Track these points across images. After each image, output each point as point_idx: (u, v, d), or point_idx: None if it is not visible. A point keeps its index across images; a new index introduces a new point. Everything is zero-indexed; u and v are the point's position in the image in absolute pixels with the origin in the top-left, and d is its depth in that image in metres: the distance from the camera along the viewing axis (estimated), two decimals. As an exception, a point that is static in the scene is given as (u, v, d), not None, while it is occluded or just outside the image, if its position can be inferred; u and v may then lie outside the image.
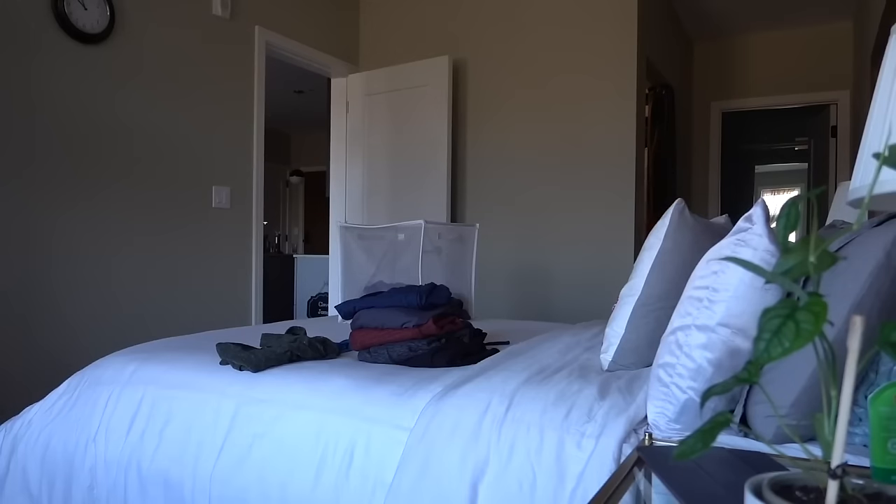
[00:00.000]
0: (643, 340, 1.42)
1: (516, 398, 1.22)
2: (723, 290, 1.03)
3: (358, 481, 1.22)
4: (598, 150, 3.67)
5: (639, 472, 0.82)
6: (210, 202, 3.30)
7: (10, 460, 1.62)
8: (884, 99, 0.70)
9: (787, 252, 0.46)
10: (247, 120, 3.52)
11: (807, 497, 0.46)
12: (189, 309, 3.19)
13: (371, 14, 4.42)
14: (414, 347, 1.56)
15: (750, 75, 5.24)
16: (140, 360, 1.64)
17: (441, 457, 1.16)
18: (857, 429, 0.95)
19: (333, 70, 4.25)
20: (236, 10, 3.43)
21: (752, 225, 1.05)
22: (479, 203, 4.03)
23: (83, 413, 1.58)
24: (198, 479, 1.37)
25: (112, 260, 2.83)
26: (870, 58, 3.49)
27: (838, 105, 4.93)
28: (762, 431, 1.00)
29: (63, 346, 2.64)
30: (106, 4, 2.76)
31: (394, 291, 1.76)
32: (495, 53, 3.97)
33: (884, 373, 0.94)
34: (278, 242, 7.94)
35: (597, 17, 3.66)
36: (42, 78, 2.55)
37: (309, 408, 1.35)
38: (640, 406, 1.16)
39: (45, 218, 2.57)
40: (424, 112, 3.97)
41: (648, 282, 1.40)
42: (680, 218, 1.42)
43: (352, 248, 2.65)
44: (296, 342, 1.61)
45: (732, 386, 0.48)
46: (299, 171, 8.08)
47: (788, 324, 0.42)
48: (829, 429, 0.45)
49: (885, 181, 0.66)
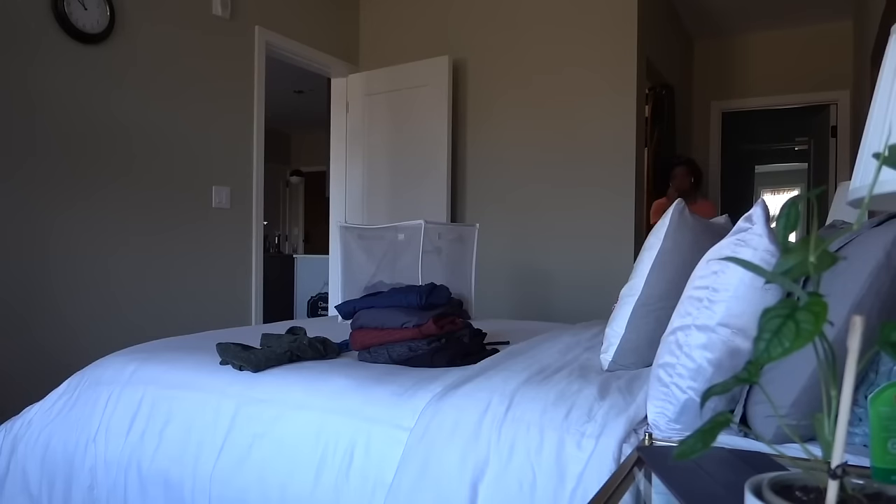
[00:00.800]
0: (643, 340, 1.42)
1: (516, 398, 1.22)
2: (723, 290, 1.03)
3: (358, 481, 1.22)
4: (597, 149, 3.67)
5: (639, 472, 0.82)
6: (210, 202, 3.30)
7: (10, 460, 1.62)
8: (884, 99, 0.70)
9: (787, 252, 0.46)
10: (247, 120, 3.52)
11: (807, 497, 0.46)
12: (189, 309, 3.19)
13: (371, 14, 4.42)
14: (414, 347, 1.56)
15: (750, 75, 5.24)
16: (140, 360, 1.64)
17: (441, 457, 1.16)
18: (857, 429, 0.95)
19: (333, 70, 4.25)
20: (236, 10, 3.43)
21: (752, 225, 1.05)
22: (478, 203, 4.03)
23: (83, 413, 1.58)
24: (198, 479, 1.37)
25: (112, 260, 2.83)
26: (870, 58, 3.49)
27: (838, 105, 4.93)
28: (762, 431, 1.00)
29: (63, 346, 2.64)
30: (106, 4, 2.76)
31: (394, 291, 1.76)
32: (495, 53, 3.97)
33: (884, 373, 0.94)
34: (278, 242, 7.94)
35: (596, 16, 3.66)
36: (42, 78, 2.55)
37: (309, 408, 1.35)
38: (640, 406, 1.16)
39: (45, 218, 2.57)
40: (424, 112, 3.97)
41: (648, 282, 1.40)
42: (680, 218, 1.42)
43: (352, 248, 2.64)
44: (296, 342, 1.61)
45: (732, 386, 0.48)
46: (299, 171, 8.08)
47: (788, 324, 0.42)
48: (829, 429, 0.45)
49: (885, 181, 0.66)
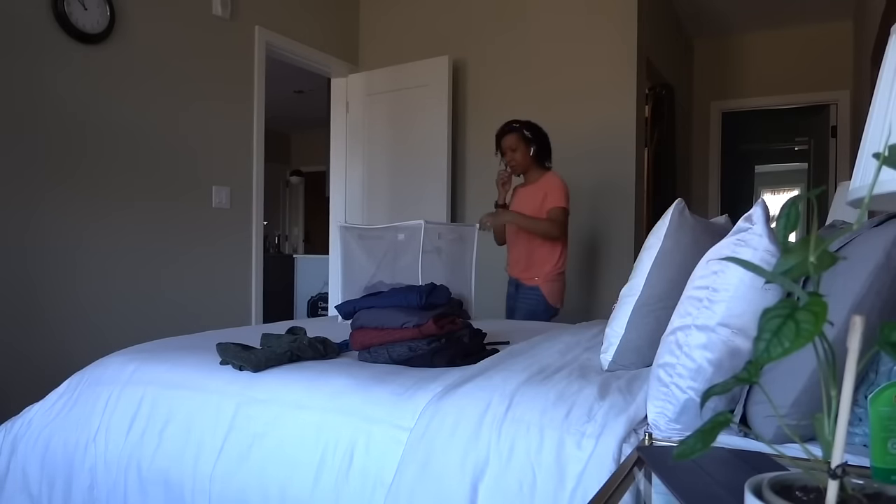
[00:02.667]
0: (643, 340, 1.42)
1: (516, 398, 1.22)
2: (723, 290, 1.03)
3: (358, 481, 1.22)
4: (597, 149, 3.67)
5: (639, 472, 0.82)
6: (210, 202, 3.30)
7: (10, 460, 1.62)
8: (884, 99, 0.70)
9: (787, 252, 0.46)
10: (247, 120, 3.52)
11: (807, 497, 0.46)
12: (189, 309, 3.19)
13: (371, 14, 4.42)
14: (414, 347, 1.56)
15: (750, 75, 5.24)
16: (140, 360, 1.64)
17: (441, 457, 1.16)
18: (857, 429, 0.95)
19: (333, 70, 4.25)
20: (236, 10, 3.43)
21: (752, 225, 1.05)
22: (478, 203, 4.03)
23: (83, 413, 1.57)
24: (198, 478, 1.37)
25: (112, 260, 2.83)
26: (870, 58, 3.49)
27: (838, 105, 4.92)
28: (762, 431, 1.00)
29: (63, 346, 2.64)
30: (106, 4, 2.76)
31: (394, 291, 1.76)
32: (495, 53, 3.97)
33: (884, 373, 0.94)
34: (278, 242, 7.94)
35: (597, 16, 3.66)
36: (42, 78, 2.55)
37: (309, 408, 1.34)
38: (640, 406, 1.16)
39: (45, 217, 2.57)
40: (424, 112, 3.97)
41: (648, 282, 1.40)
42: (680, 218, 1.42)
43: (352, 248, 2.64)
44: (296, 342, 1.61)
45: (732, 386, 0.48)
46: (299, 171, 8.07)
47: (788, 324, 0.42)
48: (829, 429, 0.45)
49: (885, 181, 0.66)
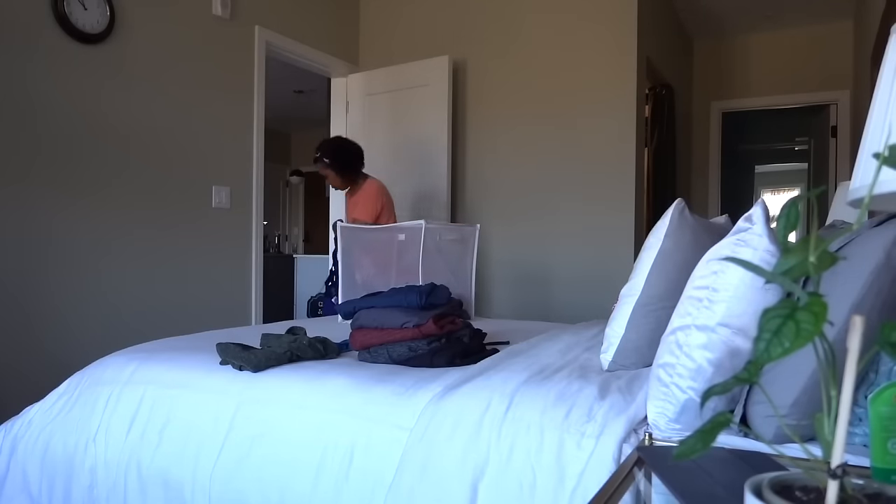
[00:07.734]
0: (643, 340, 1.42)
1: (516, 398, 1.22)
2: (723, 290, 1.03)
3: (358, 481, 1.22)
4: (598, 149, 3.67)
5: (639, 472, 0.82)
6: (210, 202, 3.30)
7: (10, 460, 1.62)
8: (884, 99, 0.70)
9: (787, 252, 0.46)
10: (247, 120, 3.52)
11: (807, 497, 0.46)
12: (189, 309, 3.19)
13: (371, 14, 4.42)
14: (414, 347, 1.56)
15: (750, 75, 5.24)
16: (140, 360, 1.64)
17: (441, 457, 1.16)
18: (857, 429, 0.95)
19: (333, 70, 4.25)
20: (236, 10, 3.43)
21: (752, 225, 1.05)
22: (478, 203, 4.03)
23: (83, 413, 1.58)
24: (198, 479, 1.37)
25: (112, 260, 2.83)
26: (870, 58, 3.49)
27: (838, 105, 4.92)
28: (762, 431, 1.00)
29: (63, 346, 2.64)
30: (106, 4, 2.76)
31: (394, 291, 1.76)
32: (495, 53, 3.97)
33: (884, 373, 0.94)
34: (278, 242, 7.94)
35: (597, 16, 3.66)
36: (42, 78, 2.55)
37: (309, 408, 1.34)
38: (640, 406, 1.16)
39: (44, 217, 2.57)
40: (424, 112, 3.97)
41: (648, 282, 1.40)
42: (680, 218, 1.42)
43: (352, 248, 2.64)
44: (296, 342, 1.61)
45: (732, 386, 0.48)
46: (299, 171, 8.07)
47: (788, 324, 0.42)
48: (829, 429, 0.45)
49: (885, 181, 0.66)
